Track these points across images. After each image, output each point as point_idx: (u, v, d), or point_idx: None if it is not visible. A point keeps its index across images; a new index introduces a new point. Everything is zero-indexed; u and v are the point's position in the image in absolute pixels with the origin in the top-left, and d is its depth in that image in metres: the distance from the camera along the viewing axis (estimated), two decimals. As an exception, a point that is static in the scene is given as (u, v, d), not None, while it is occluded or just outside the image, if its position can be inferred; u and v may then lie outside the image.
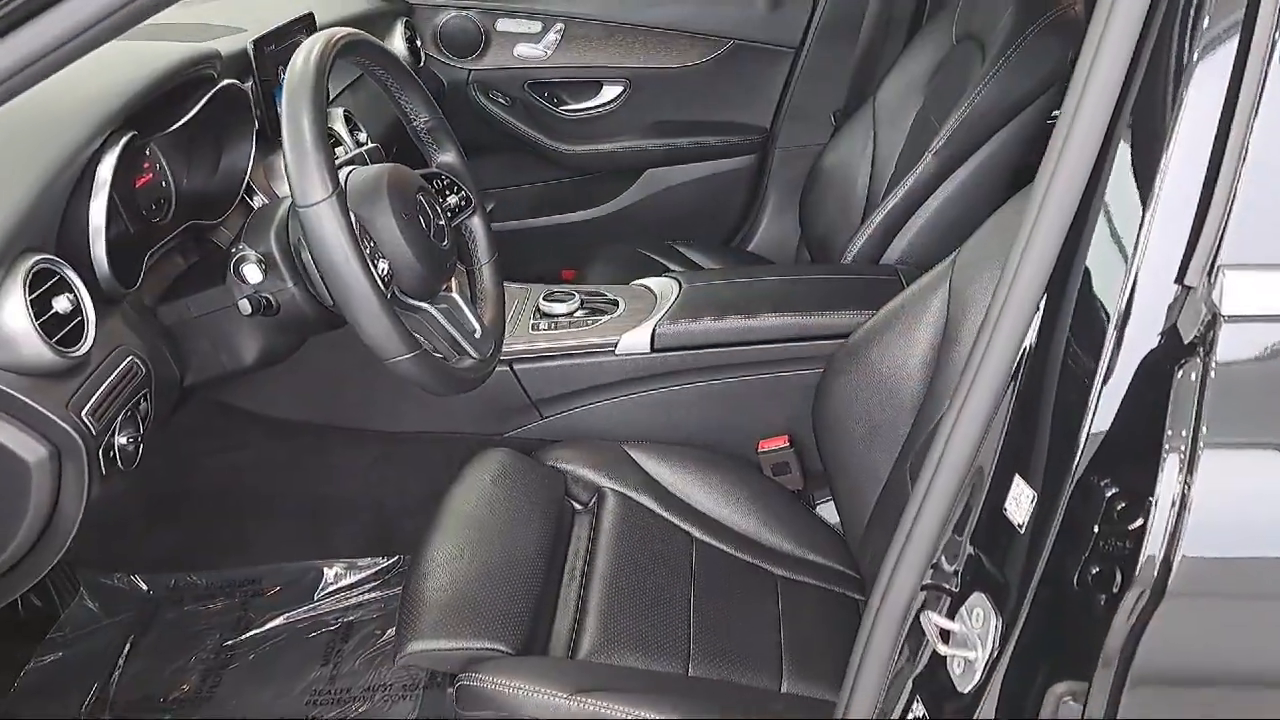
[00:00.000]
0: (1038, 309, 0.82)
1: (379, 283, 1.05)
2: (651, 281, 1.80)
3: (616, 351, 1.63)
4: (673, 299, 1.69)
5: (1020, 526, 0.81)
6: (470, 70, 2.50)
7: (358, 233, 1.09)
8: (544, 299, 1.72)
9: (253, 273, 1.13)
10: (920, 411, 1.34)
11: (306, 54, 1.07)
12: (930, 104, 2.03)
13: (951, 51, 2.05)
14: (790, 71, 2.49)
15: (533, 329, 1.66)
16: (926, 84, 2.09)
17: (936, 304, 1.39)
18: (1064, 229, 0.79)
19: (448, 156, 1.36)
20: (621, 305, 1.72)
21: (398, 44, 2.27)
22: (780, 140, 2.54)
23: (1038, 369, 0.83)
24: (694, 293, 1.71)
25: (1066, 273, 0.80)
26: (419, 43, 2.38)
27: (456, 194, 1.35)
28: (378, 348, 1.05)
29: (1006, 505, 0.83)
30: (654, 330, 1.62)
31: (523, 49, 2.49)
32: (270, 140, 1.50)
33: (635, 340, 1.62)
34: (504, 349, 1.58)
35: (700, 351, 1.63)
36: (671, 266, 2.28)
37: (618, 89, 2.53)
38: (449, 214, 1.31)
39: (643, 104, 2.53)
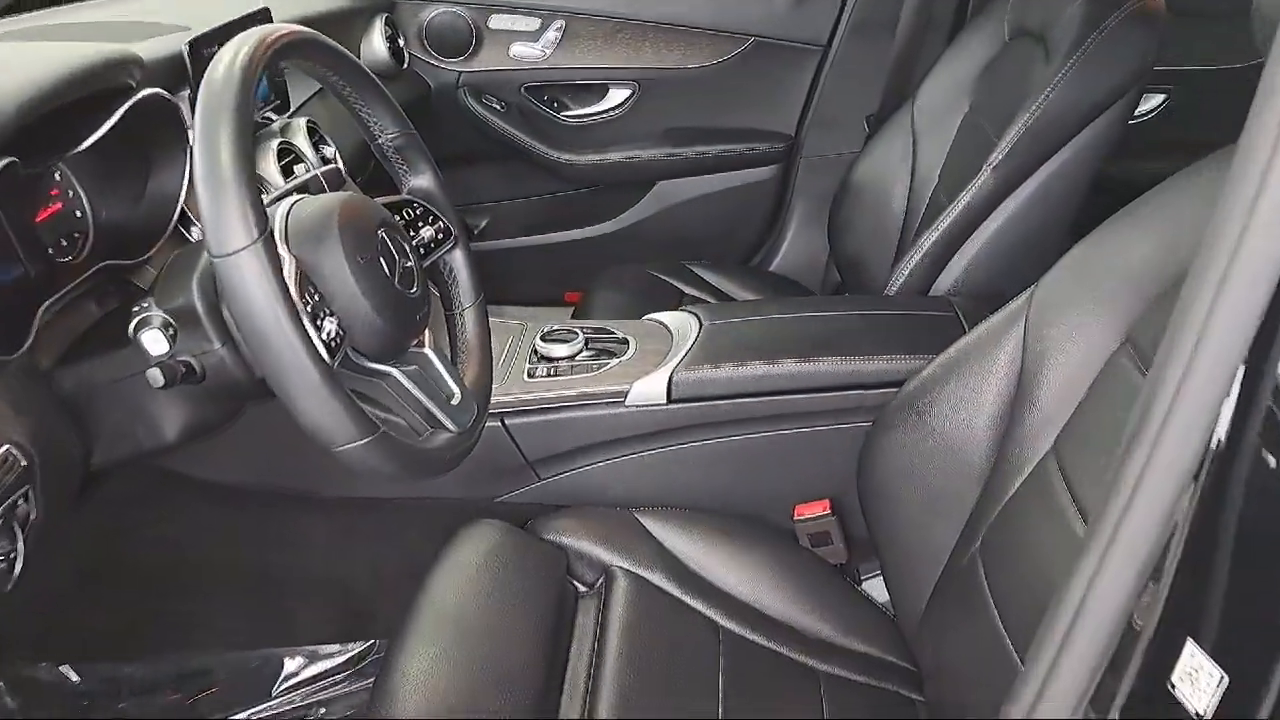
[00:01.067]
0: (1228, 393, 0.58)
1: (320, 349, 0.83)
2: (666, 317, 1.58)
3: (627, 402, 1.40)
4: (691, 338, 1.47)
5: (1198, 718, 0.58)
6: (460, 72, 2.29)
7: (299, 283, 0.87)
8: (542, 339, 1.49)
9: (155, 341, 0.91)
10: (989, 481, 1.13)
11: (230, 57, 0.85)
12: (981, 108, 1.82)
13: (1005, 50, 1.84)
14: (817, 72, 2.28)
15: (528, 375, 1.44)
16: (974, 86, 1.88)
17: (1008, 351, 1.16)
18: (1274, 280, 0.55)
19: (421, 179, 1.14)
20: (632, 346, 1.49)
21: (377, 43, 2.04)
22: (806, 149, 2.33)
23: (1221, 480, 0.59)
24: (717, 331, 1.48)
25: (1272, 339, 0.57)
26: (402, 42, 2.15)
27: (432, 225, 1.12)
28: (319, 433, 0.83)
29: (1174, 679, 0.60)
30: (671, 377, 1.39)
31: (519, 48, 2.28)
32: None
33: (649, 389, 1.39)
34: (495, 398, 1.35)
35: (726, 402, 1.40)
36: (685, 290, 2.09)
37: (625, 92, 2.32)
38: (422, 250, 1.09)
39: (653, 109, 2.32)
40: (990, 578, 1.04)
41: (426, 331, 1.05)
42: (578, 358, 1.47)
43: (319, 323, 0.87)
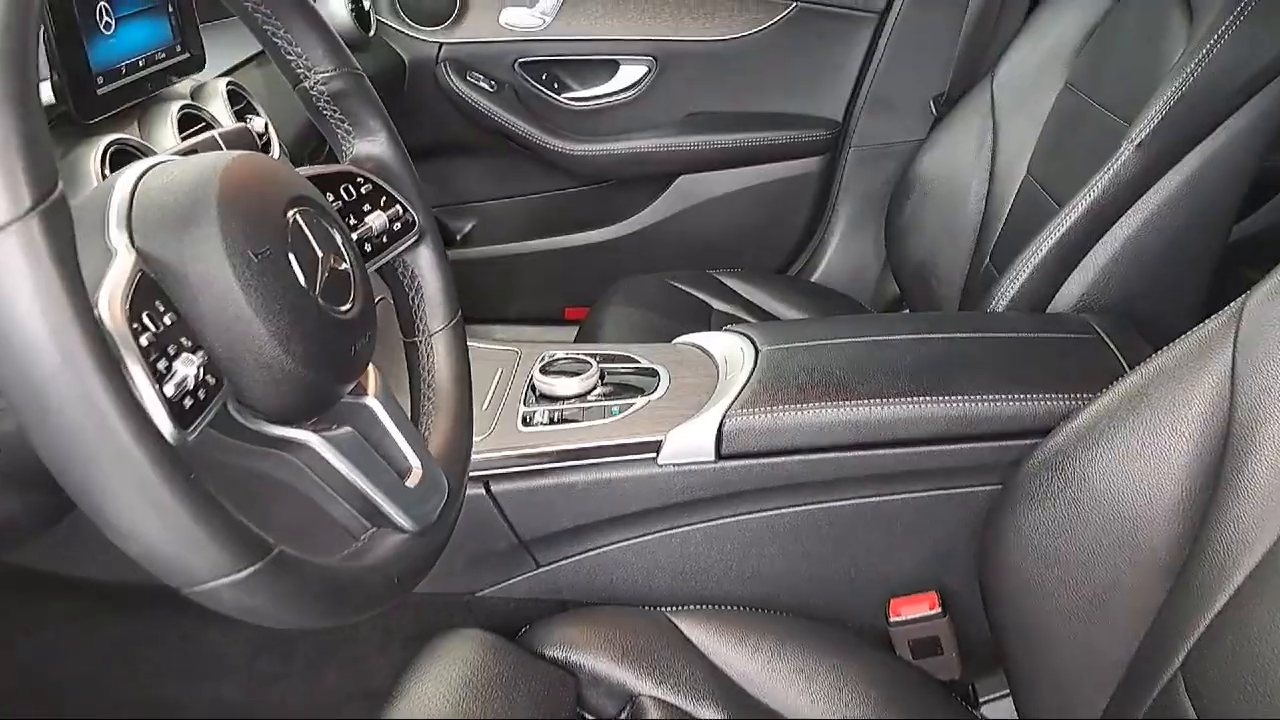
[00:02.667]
0: None
1: (158, 413, 0.47)
2: (706, 339, 1.22)
3: (660, 459, 1.04)
4: (745, 370, 1.11)
5: None
6: (441, 44, 1.97)
7: (134, 295, 0.51)
8: (542, 371, 1.13)
9: None
10: (1187, 574, 0.81)
11: None
12: (1086, 83, 1.51)
13: (1116, 10, 1.54)
14: (872, 45, 1.96)
15: (523, 423, 1.08)
16: (1074, 56, 1.58)
17: (1208, 392, 0.82)
18: None
19: (371, 143, 0.78)
20: (664, 380, 1.14)
21: (336, 6, 1.69)
22: (857, 137, 2.01)
23: None
24: (779, 359, 1.12)
25: None
26: (368, 5, 1.81)
27: (385, 209, 0.76)
28: (156, 562, 0.47)
29: None
30: (721, 424, 1.03)
31: (512, 15, 1.97)
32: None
33: (691, 440, 1.04)
34: (477, 455, 0.99)
35: (797, 459, 1.04)
36: (715, 304, 1.77)
37: (640, 69, 2.00)
38: (368, 247, 0.73)
39: (673, 89, 2.01)
40: (1204, 713, 0.75)
41: (370, 371, 0.69)
42: (590, 396, 1.11)
43: (163, 364, 0.51)
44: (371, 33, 1.81)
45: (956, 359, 1.11)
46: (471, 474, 0.99)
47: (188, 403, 0.51)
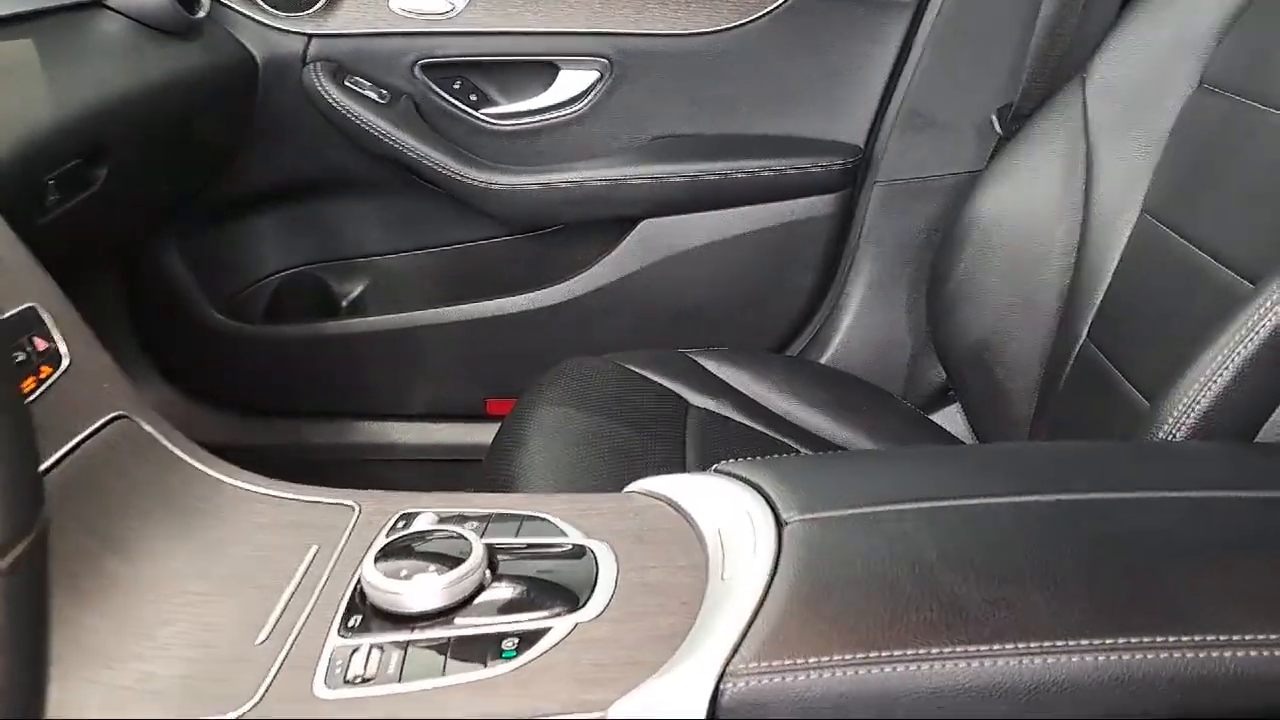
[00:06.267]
0: None
1: None
2: (686, 490, 0.76)
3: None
4: (759, 564, 0.62)
5: None
6: (310, 36, 1.53)
7: None
8: (379, 559, 0.64)
9: None
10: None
11: None
12: (1235, 82, 1.15)
13: None
14: (908, 40, 1.55)
15: (328, 681, 0.58)
16: (1213, 46, 1.22)
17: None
18: None
19: None
20: (605, 574, 0.66)
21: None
22: (885, 167, 1.60)
23: None
24: (818, 541, 0.63)
25: None
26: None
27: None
28: None
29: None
30: (719, 690, 0.54)
31: None
32: None
33: (659, 704, 0.55)
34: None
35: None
36: (691, 398, 1.35)
37: (588, 76, 1.60)
38: None
39: (633, 103, 1.61)
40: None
41: None
42: (467, 613, 0.62)
43: None
44: (201, 13, 1.35)
45: (1154, 548, 0.62)
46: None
47: None
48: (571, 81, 1.58)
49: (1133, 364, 1.11)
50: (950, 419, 1.53)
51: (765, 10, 1.52)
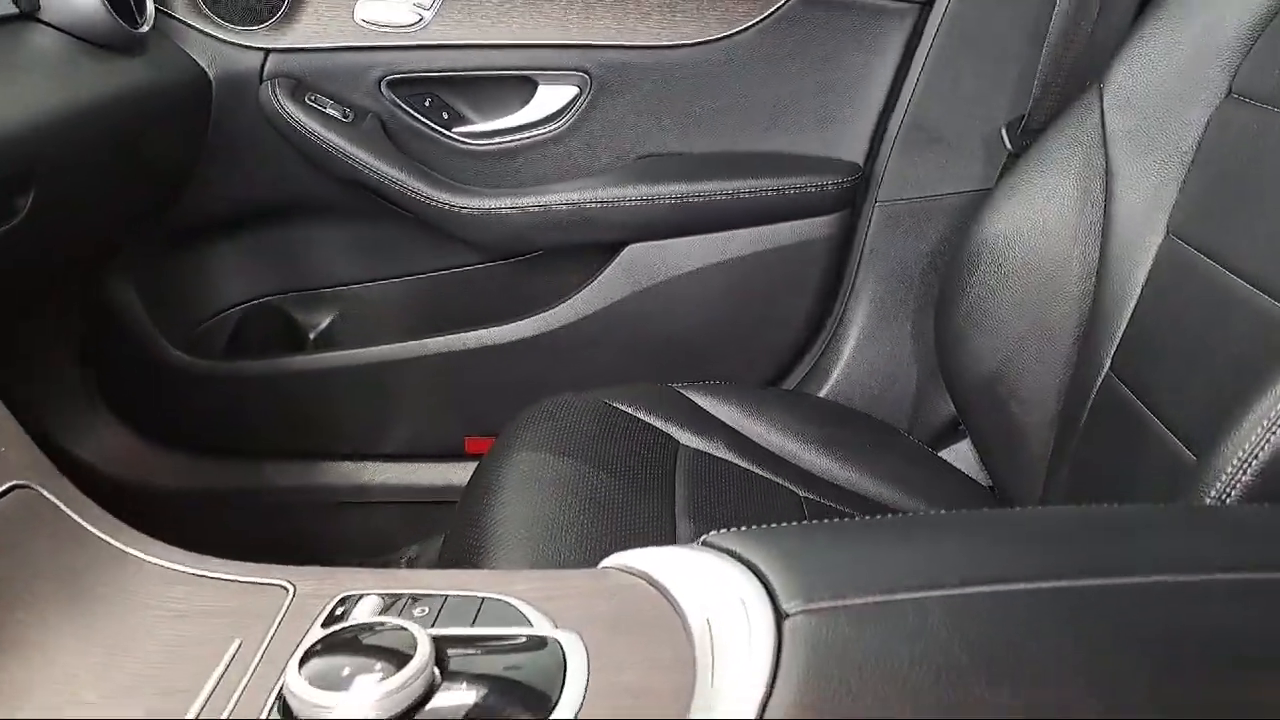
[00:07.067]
0: None
1: None
2: (668, 566, 0.65)
3: None
4: (756, 665, 0.52)
5: None
6: (267, 51, 1.41)
7: None
8: (304, 661, 0.54)
9: None
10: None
11: None
12: (1268, 89, 1.04)
13: None
14: (909, 48, 1.44)
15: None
16: (1240, 54, 1.12)
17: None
18: None
19: None
20: (575, 672, 0.56)
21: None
22: (886, 186, 1.48)
23: None
24: (825, 642, 0.53)
25: None
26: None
27: None
28: None
29: None
30: None
31: (374, 9, 1.41)
32: None
33: None
34: None
35: None
36: (680, 437, 1.25)
37: (568, 91, 1.47)
38: None
39: (616, 120, 1.49)
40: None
41: None
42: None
43: None
44: (145, 27, 1.24)
45: (1228, 648, 0.52)
46: None
47: None
48: (549, 97, 1.47)
49: (1163, 401, 1.02)
50: (960, 455, 1.43)
51: (755, 20, 1.40)
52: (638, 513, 1.05)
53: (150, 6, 1.26)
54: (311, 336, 1.63)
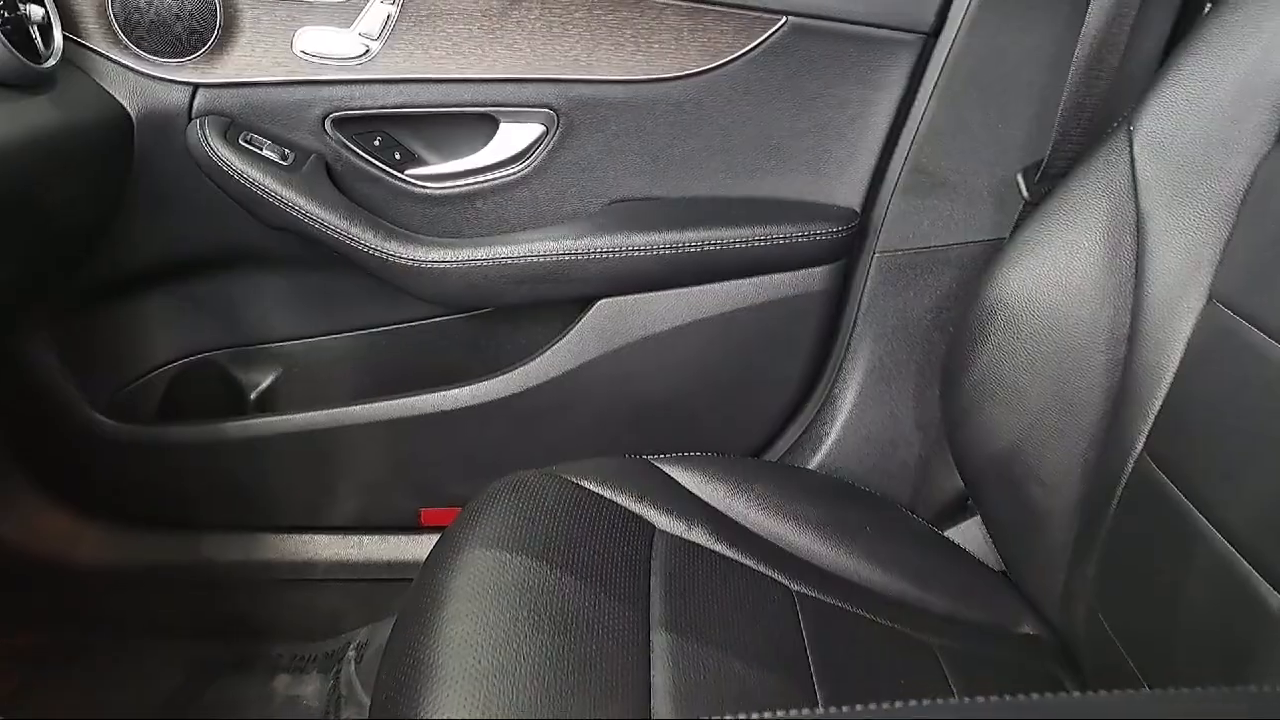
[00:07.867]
0: None
1: None
2: None
3: None
4: None
5: None
6: (196, 86, 1.26)
7: None
8: None
9: None
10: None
11: None
12: None
13: None
14: (913, 83, 1.29)
15: None
16: None
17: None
18: None
19: None
20: None
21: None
22: (885, 235, 1.35)
23: None
24: None
25: None
26: (39, 14, 1.10)
27: None
28: None
29: None
30: None
31: (316, 39, 1.26)
32: None
33: None
34: None
35: None
36: (658, 521, 1.11)
37: (532, 130, 1.33)
38: None
39: (586, 162, 1.34)
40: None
41: None
42: None
43: None
44: (50, 61, 1.09)
45: None
46: None
47: None
48: (512, 136, 1.32)
49: (1211, 495, 0.88)
50: (970, 535, 1.29)
51: (742, 50, 1.26)
52: (608, 628, 0.91)
53: (58, 37, 1.12)
54: (251, 397, 1.49)
